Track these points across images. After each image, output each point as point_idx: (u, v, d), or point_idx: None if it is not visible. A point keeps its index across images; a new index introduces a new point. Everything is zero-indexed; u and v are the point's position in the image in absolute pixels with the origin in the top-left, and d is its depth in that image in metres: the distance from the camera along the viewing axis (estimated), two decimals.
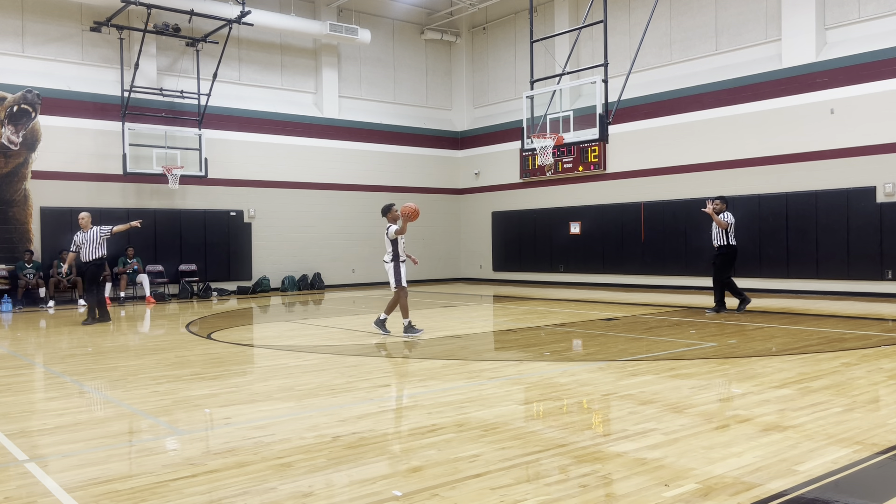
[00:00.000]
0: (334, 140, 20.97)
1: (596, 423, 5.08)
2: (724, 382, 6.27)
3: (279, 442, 4.61)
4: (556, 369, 7.25)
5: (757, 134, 16.15)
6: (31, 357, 8.79)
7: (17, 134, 16.07)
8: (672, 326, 10.48)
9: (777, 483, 3.66)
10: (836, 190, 14.86)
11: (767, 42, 16.30)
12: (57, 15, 17.03)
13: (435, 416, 5.21)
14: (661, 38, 18.29)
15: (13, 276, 15.71)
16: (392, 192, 22.06)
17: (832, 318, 11.08)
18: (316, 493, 3.65)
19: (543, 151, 13.59)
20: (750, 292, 15.96)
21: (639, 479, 3.76)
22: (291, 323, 12.29)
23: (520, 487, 3.67)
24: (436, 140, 23.21)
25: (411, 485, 3.74)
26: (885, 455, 4.14)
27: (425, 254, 22.85)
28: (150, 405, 5.83)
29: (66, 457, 4.39)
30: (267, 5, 19.41)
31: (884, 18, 14.62)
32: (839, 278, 14.82)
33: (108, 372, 7.46)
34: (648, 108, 18.18)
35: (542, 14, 20.79)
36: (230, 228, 19.07)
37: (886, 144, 14.23)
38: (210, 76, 18.12)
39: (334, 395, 6.08)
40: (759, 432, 4.62)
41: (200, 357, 8.44)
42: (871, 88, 14.46)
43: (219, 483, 3.83)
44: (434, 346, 8.94)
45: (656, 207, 18.02)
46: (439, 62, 23.62)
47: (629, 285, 18.53)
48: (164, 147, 17.74)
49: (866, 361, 7.21)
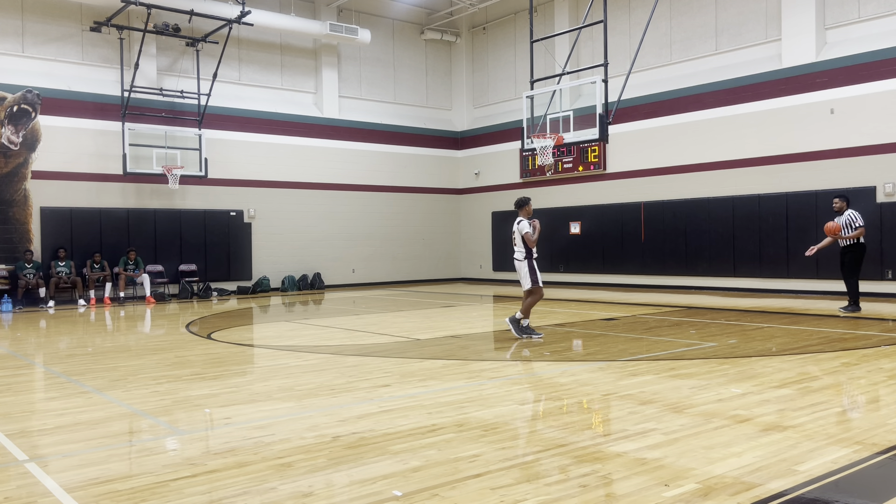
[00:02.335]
0: (334, 140, 20.97)
1: (596, 423, 5.08)
2: (724, 382, 6.26)
3: (279, 442, 4.61)
4: (556, 369, 7.25)
5: (757, 134, 16.15)
6: (31, 357, 8.79)
7: (17, 134, 16.07)
8: (672, 326, 10.48)
9: (777, 483, 3.66)
10: (835, 190, 14.83)
11: (767, 42, 16.30)
12: (57, 15, 17.03)
13: (435, 416, 5.21)
14: (661, 38, 18.29)
15: (13, 276, 15.71)
16: (392, 192, 22.09)
17: (832, 318, 11.08)
18: (316, 493, 3.65)
19: (543, 151, 13.58)
20: (750, 292, 15.99)
21: (639, 479, 3.76)
22: (291, 323, 12.29)
23: (520, 487, 3.67)
24: (436, 140, 23.21)
25: (411, 485, 3.74)
26: (885, 455, 4.14)
27: (425, 254, 22.89)
28: (150, 405, 5.83)
29: (66, 457, 4.39)
30: (267, 5, 19.41)
31: (884, 18, 14.62)
32: (839, 278, 14.77)
33: (108, 372, 7.46)
34: (648, 108, 18.18)
35: (542, 14, 20.79)
36: (230, 228, 19.06)
37: (886, 144, 14.23)
38: (210, 76, 18.12)
39: (334, 395, 6.08)
40: (759, 432, 4.62)
41: (200, 357, 8.44)
42: (871, 88, 14.46)
43: (219, 483, 3.83)
44: (434, 346, 8.93)
45: (656, 207, 18.02)
46: (439, 62, 23.62)
47: (629, 285, 18.53)
48: (164, 147, 17.74)
49: (866, 361, 7.21)
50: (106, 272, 16.59)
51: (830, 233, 11.55)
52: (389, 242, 22.00)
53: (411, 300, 16.36)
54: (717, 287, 16.84)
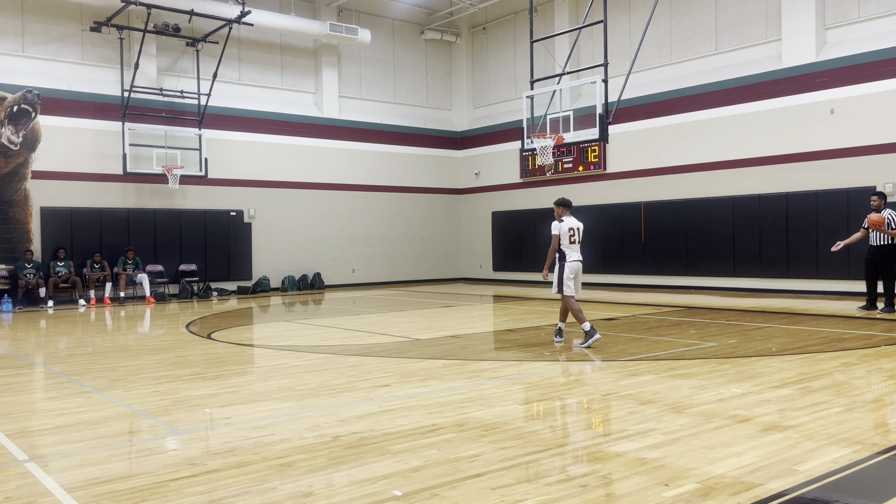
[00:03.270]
0: (334, 140, 20.97)
1: (596, 423, 5.08)
2: (724, 382, 6.26)
3: (279, 442, 4.61)
4: (556, 369, 7.25)
5: (757, 134, 16.15)
6: (31, 357, 8.79)
7: (17, 134, 16.07)
8: (672, 326, 10.48)
9: (777, 483, 3.66)
10: (836, 190, 14.86)
11: (767, 42, 16.30)
12: (57, 15, 17.03)
13: (435, 416, 5.21)
14: (661, 38, 18.29)
15: (13, 276, 15.71)
16: (392, 192, 22.09)
17: (832, 318, 11.07)
18: (316, 493, 3.65)
19: (543, 151, 13.58)
20: (750, 292, 15.99)
21: (639, 479, 3.76)
22: (291, 323, 12.28)
23: (520, 487, 3.67)
24: (436, 140, 23.21)
25: (411, 485, 3.74)
26: (885, 455, 4.14)
27: (425, 254, 22.88)
28: (150, 405, 5.83)
29: (66, 457, 4.39)
30: (267, 5, 19.41)
31: (884, 18, 14.61)
32: (839, 278, 14.81)
33: (108, 372, 7.46)
34: (648, 108, 18.18)
35: (542, 14, 20.79)
36: (230, 228, 19.06)
37: (887, 144, 14.22)
38: (210, 76, 18.12)
39: (334, 395, 6.08)
40: (759, 432, 4.62)
41: (200, 357, 8.44)
42: (871, 88, 14.46)
43: (219, 483, 3.83)
44: (434, 346, 8.93)
45: (656, 207, 18.02)
46: (439, 62, 23.62)
47: (629, 285, 18.53)
48: (164, 147, 17.74)
49: (866, 361, 7.21)
50: (106, 272, 16.58)
51: (875, 225, 11.30)
52: (389, 242, 22.00)
53: (411, 300, 16.36)
54: (717, 287, 16.84)
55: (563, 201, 8.84)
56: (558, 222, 8.63)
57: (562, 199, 8.88)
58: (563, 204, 8.80)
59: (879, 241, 11.54)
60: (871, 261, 11.71)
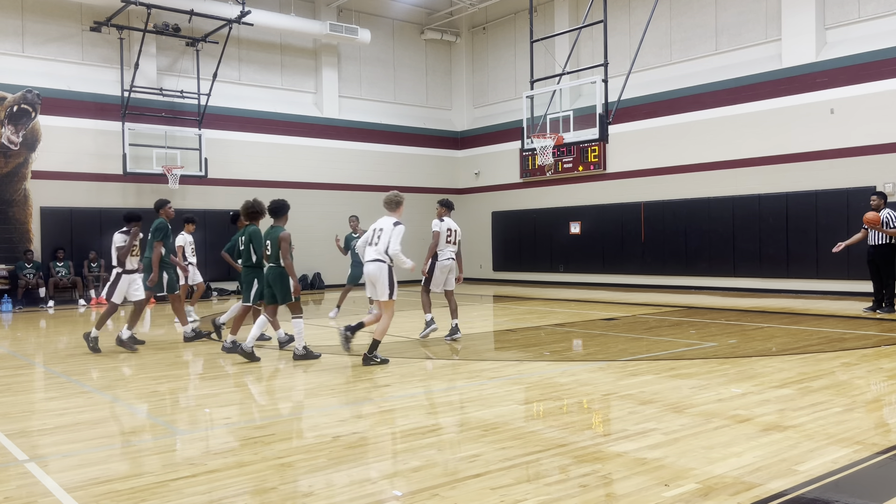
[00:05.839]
0: (334, 140, 20.96)
1: (596, 423, 5.08)
2: (724, 382, 6.26)
3: (279, 442, 4.61)
4: (556, 369, 7.25)
5: (757, 134, 16.15)
6: (31, 357, 8.78)
7: (17, 134, 16.07)
8: (672, 326, 10.47)
9: (777, 483, 3.66)
10: (836, 190, 14.85)
11: (767, 42, 16.30)
12: (57, 15, 17.02)
13: (435, 416, 5.21)
14: (661, 38, 18.29)
15: (13, 276, 15.71)
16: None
17: (832, 318, 11.07)
18: (316, 493, 3.65)
19: (543, 151, 13.59)
20: (750, 292, 15.99)
21: (639, 479, 3.76)
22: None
23: (520, 487, 3.67)
24: (436, 140, 23.20)
25: (411, 485, 3.74)
26: (885, 455, 4.14)
27: (425, 254, 22.84)
28: (150, 405, 5.83)
29: (66, 457, 4.39)
30: (267, 5, 19.41)
31: (884, 18, 14.61)
32: (839, 278, 14.81)
33: (108, 372, 7.46)
34: (648, 108, 18.18)
35: (542, 14, 20.79)
36: (230, 228, 19.01)
37: (886, 144, 14.22)
38: (210, 76, 18.11)
39: (334, 395, 6.08)
40: (759, 432, 4.62)
41: (200, 357, 8.44)
42: (871, 88, 14.45)
43: (219, 483, 3.83)
44: (434, 346, 8.93)
45: (656, 207, 18.02)
46: (439, 62, 23.62)
47: (629, 285, 18.53)
48: (164, 147, 17.73)
49: (866, 361, 7.21)
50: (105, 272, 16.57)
51: (870, 223, 11.25)
52: None
53: (411, 300, 16.36)
54: (717, 287, 16.84)
55: (445, 202, 9.39)
56: (439, 221, 9.16)
57: (445, 200, 9.41)
58: (445, 205, 9.35)
59: (877, 240, 11.57)
60: (872, 261, 11.72)
